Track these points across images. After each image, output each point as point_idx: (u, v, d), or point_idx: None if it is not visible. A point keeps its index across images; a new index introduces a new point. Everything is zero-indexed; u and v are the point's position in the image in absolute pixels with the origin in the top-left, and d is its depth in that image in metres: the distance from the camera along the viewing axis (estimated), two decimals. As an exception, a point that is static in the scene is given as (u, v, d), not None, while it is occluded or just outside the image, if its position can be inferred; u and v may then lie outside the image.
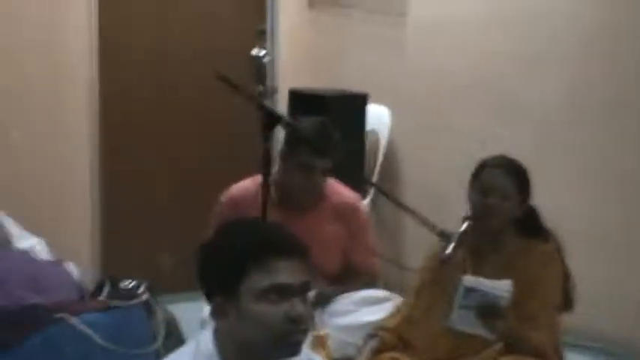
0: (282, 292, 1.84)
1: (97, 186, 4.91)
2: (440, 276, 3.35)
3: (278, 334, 1.84)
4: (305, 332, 1.88)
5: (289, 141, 3.56)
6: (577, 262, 3.52)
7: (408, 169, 4.99)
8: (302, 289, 1.87)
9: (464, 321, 3.21)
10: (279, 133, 3.87)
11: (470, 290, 3.18)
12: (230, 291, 1.85)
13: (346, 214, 3.63)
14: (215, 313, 1.89)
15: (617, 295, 4.23)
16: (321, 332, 3.32)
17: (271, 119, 3.16)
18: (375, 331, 3.38)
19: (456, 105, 4.76)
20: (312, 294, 1.94)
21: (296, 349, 1.87)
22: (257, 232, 1.90)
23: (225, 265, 1.86)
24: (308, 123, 3.57)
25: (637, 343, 4.13)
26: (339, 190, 3.70)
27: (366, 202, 4.61)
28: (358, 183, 4.31)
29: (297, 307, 1.84)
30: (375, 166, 4.85)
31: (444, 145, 4.76)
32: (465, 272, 3.29)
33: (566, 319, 3.39)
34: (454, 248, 3.18)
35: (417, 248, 3.59)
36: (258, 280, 1.84)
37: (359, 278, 3.71)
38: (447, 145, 4.72)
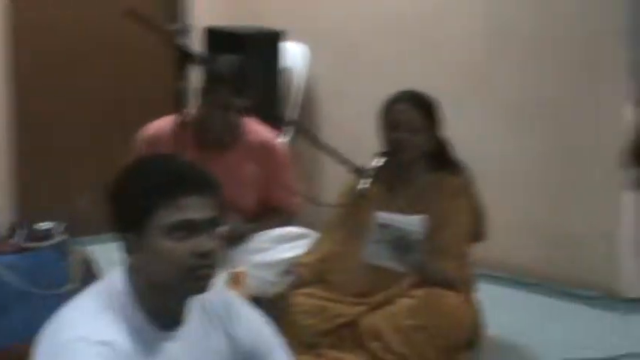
0: (190, 228, 1.83)
1: (12, 128, 4.82)
2: (355, 212, 3.37)
3: (185, 270, 1.83)
4: (213, 268, 1.87)
5: (206, 80, 3.52)
6: (491, 194, 3.60)
7: (326, 108, 4.97)
8: (210, 225, 1.85)
9: (378, 255, 3.25)
10: (195, 72, 3.82)
11: (383, 226, 3.22)
12: (139, 227, 1.84)
13: (264, 152, 3.62)
14: (126, 250, 1.88)
15: (529, 227, 4.31)
16: (238, 270, 3.32)
17: (186, 57, 3.17)
18: (291, 267, 3.42)
19: (375, 42, 4.75)
20: (225, 230, 1.92)
21: (204, 285, 1.87)
22: (165, 168, 1.88)
23: (134, 200, 1.85)
24: (224, 61, 3.54)
25: (547, 273, 4.24)
26: (256, 128, 3.68)
27: (284, 141, 4.57)
28: (276, 121, 4.27)
29: (205, 242, 1.83)
30: (292, 104, 4.84)
31: (361, 84, 4.76)
32: (378, 208, 3.32)
33: (478, 251, 3.45)
34: (368, 182, 3.24)
35: (335, 186, 3.63)
36: (166, 216, 1.83)
37: (277, 216, 3.72)
38: (365, 83, 4.71)
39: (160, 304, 1.86)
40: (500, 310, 3.63)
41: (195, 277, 1.85)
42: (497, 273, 4.20)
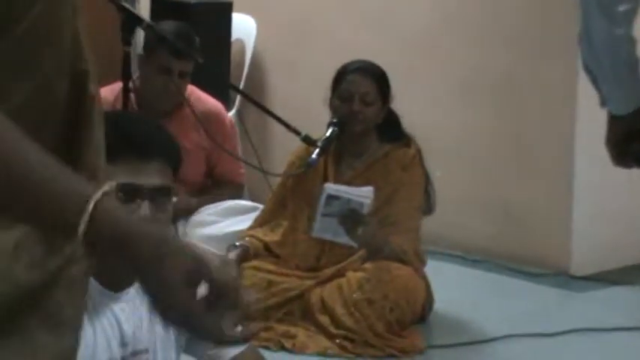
0: (128, 193, 1.75)
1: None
2: (303, 183, 3.37)
3: None
4: None
5: (148, 43, 3.49)
6: (440, 168, 3.61)
7: (275, 80, 4.94)
8: (155, 194, 1.76)
9: (327, 229, 3.24)
10: (140, 38, 3.79)
11: (332, 197, 3.21)
12: None
13: (210, 122, 3.58)
14: None
15: (478, 203, 4.33)
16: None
17: (131, 21, 3.11)
18: (239, 240, 3.40)
19: (324, 15, 4.72)
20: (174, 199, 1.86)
21: None
22: (113, 125, 1.82)
23: None
24: (167, 25, 3.52)
25: (497, 250, 4.26)
26: (201, 97, 3.65)
27: (232, 113, 4.58)
28: (223, 92, 4.26)
29: (143, 208, 1.74)
30: (240, 76, 4.79)
31: (311, 55, 4.73)
32: (327, 179, 3.32)
33: (428, 227, 3.46)
34: (318, 154, 3.24)
35: (284, 158, 3.60)
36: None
37: (224, 188, 3.71)
38: (315, 55, 4.69)
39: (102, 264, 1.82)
40: (448, 286, 3.64)
41: None
42: (446, 249, 4.22)
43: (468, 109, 4.31)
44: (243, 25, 4.85)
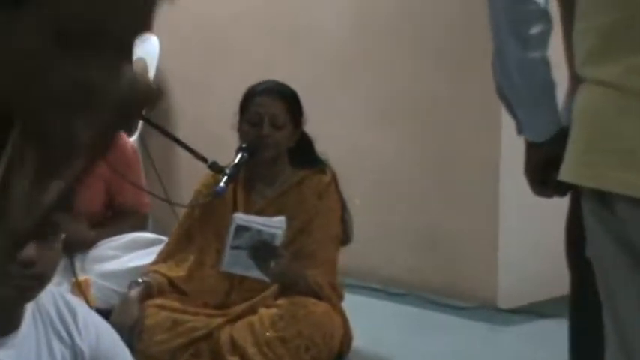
0: None
1: None
2: (211, 214, 3.37)
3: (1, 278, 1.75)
4: (40, 279, 1.82)
5: None
6: (358, 196, 3.65)
7: (182, 103, 4.96)
8: (40, 233, 1.77)
9: (237, 262, 3.24)
10: None
11: (242, 228, 3.21)
12: None
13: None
14: None
15: (399, 233, 4.36)
16: (82, 278, 3.31)
17: None
18: (142, 276, 3.37)
19: (236, 32, 4.76)
20: (64, 236, 1.87)
21: (26, 296, 1.83)
22: None
23: None
24: None
25: (420, 283, 4.29)
26: None
27: (134, 138, 4.58)
28: None
29: (28, 249, 1.74)
30: None
31: (221, 76, 4.75)
32: (236, 209, 3.32)
33: (346, 258, 3.48)
34: (226, 182, 3.23)
35: (190, 186, 3.61)
36: None
37: (126, 220, 3.71)
38: (226, 76, 4.71)
39: None
40: (368, 321, 3.68)
41: (16, 287, 1.78)
42: (365, 282, 4.25)
43: (389, 132, 4.36)
44: (144, 43, 4.81)
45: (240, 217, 3.24)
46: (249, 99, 3.34)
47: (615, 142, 1.50)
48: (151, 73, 4.84)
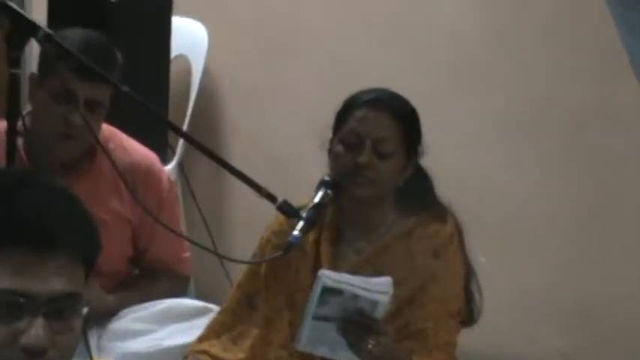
0: (13, 305, 1.77)
1: None
2: (283, 272, 3.35)
3: None
4: None
5: (44, 60, 3.48)
6: (490, 253, 3.59)
7: (236, 116, 4.96)
8: (54, 306, 1.79)
9: (320, 339, 3.19)
10: (35, 54, 3.76)
11: (330, 291, 3.14)
12: None
13: (137, 181, 3.57)
14: None
15: (542, 308, 4.34)
16: (100, 362, 3.31)
17: (20, 30, 3.09)
18: (184, 359, 3.39)
19: (310, 19, 4.77)
20: (85, 311, 1.88)
21: None
22: (0, 198, 1.81)
23: None
24: (74, 33, 3.50)
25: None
26: (126, 143, 3.64)
27: (171, 166, 4.63)
28: (158, 136, 4.29)
29: (35, 330, 1.77)
30: (184, 111, 4.83)
31: (291, 79, 4.76)
32: (319, 265, 3.28)
33: (468, 341, 3.42)
34: (304, 229, 3.21)
35: (248, 232, 3.61)
36: None
37: (159, 281, 3.72)
38: (297, 78, 4.73)
39: None
40: None
41: None
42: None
43: (525, 160, 4.38)
44: (188, 35, 4.91)
45: (328, 275, 3.16)
46: (348, 111, 3.30)
47: None
48: (196, 77, 4.89)
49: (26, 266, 1.78)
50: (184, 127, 4.69)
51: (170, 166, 4.55)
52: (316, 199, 3.26)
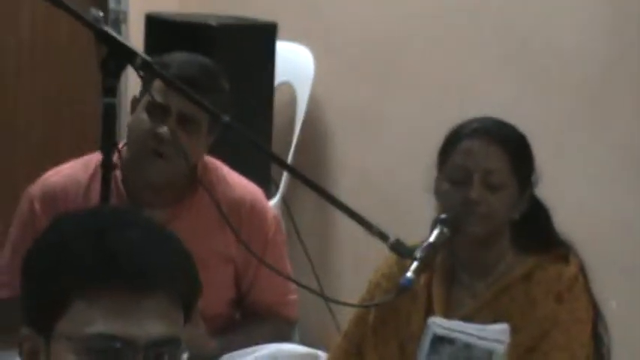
0: (110, 351, 1.79)
1: None
2: (393, 317, 3.36)
3: None
4: None
5: (144, 85, 3.52)
6: (618, 294, 3.55)
7: (342, 147, 5.00)
8: (153, 350, 1.81)
9: None
10: (131, 83, 3.92)
11: (441, 340, 3.17)
12: (42, 327, 1.84)
13: (241, 219, 3.62)
14: (21, 354, 1.88)
15: None
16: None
17: (117, 57, 3.14)
18: None
19: (423, 41, 4.79)
20: (185, 356, 1.91)
21: None
22: (91, 236, 1.85)
23: (41, 286, 1.85)
24: (181, 61, 3.56)
25: None
26: (228, 177, 3.69)
27: (274, 201, 4.66)
28: (262, 169, 4.34)
29: None
30: (289, 141, 4.88)
31: (404, 108, 4.78)
32: (432, 311, 3.31)
33: None
34: (417, 270, 3.20)
35: (356, 273, 3.73)
36: (79, 320, 1.81)
37: (264, 324, 3.75)
38: (410, 107, 4.74)
39: None
40: None
41: None
42: None
43: None
44: (293, 61, 4.96)
45: (438, 324, 3.20)
46: (453, 144, 3.32)
47: None
48: (301, 105, 4.94)
49: (122, 309, 1.80)
50: (289, 160, 4.72)
51: (273, 202, 4.56)
52: (431, 238, 3.23)
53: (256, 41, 4.71)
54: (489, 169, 3.25)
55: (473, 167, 3.25)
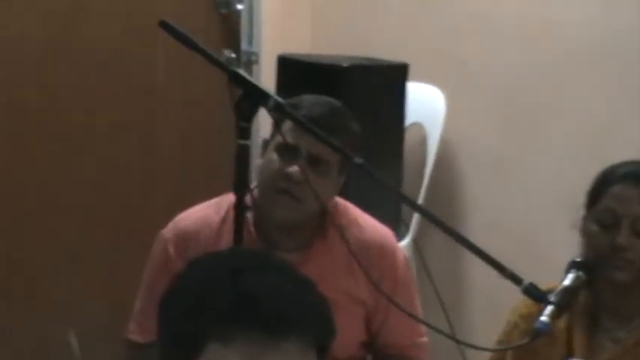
0: None
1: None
2: (531, 357, 3.33)
3: None
4: None
5: (275, 126, 3.53)
6: None
7: (474, 189, 4.98)
8: None
9: None
10: (264, 124, 3.88)
11: None
12: None
13: (371, 260, 3.59)
14: None
15: None
16: None
17: (251, 99, 3.16)
18: None
19: (557, 87, 4.73)
20: None
21: None
22: (226, 279, 1.88)
23: (175, 327, 1.90)
24: (315, 104, 3.56)
25: None
26: (359, 220, 3.68)
27: (405, 243, 4.64)
28: (393, 211, 4.35)
29: None
30: (420, 183, 4.86)
31: (534, 152, 4.75)
32: (572, 353, 3.28)
33: None
34: (552, 314, 3.13)
35: (488, 317, 3.68)
36: None
37: None
38: (540, 151, 4.71)
39: None
40: None
41: None
42: None
43: None
44: (424, 102, 4.95)
45: None
46: (603, 187, 3.30)
47: None
48: (432, 146, 4.92)
49: (258, 351, 1.82)
50: (420, 201, 4.71)
51: (404, 243, 4.55)
52: (566, 282, 3.20)
53: (387, 82, 4.72)
54: (639, 216, 3.24)
55: (622, 212, 3.25)
